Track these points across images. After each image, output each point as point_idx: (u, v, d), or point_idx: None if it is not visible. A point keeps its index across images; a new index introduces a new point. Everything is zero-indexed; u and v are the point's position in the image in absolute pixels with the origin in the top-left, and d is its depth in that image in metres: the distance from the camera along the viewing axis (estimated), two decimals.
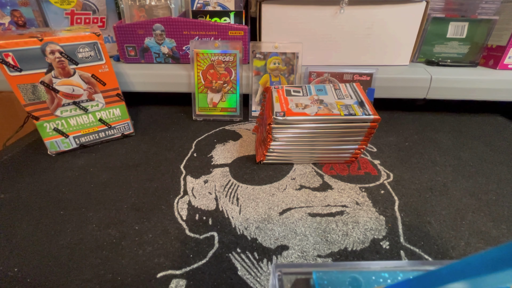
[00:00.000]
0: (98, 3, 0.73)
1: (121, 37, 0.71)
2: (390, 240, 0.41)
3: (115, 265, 0.38)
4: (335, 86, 0.57)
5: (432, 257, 0.39)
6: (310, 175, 0.54)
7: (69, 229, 0.43)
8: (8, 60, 0.49)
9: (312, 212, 0.46)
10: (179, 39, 0.72)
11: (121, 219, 0.45)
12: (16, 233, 0.43)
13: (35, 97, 0.53)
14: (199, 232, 0.43)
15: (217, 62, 0.67)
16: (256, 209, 0.46)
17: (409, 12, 0.68)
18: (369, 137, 0.51)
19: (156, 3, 0.72)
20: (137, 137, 0.67)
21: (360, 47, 0.73)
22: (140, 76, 0.72)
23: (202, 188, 0.51)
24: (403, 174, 0.54)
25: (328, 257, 0.39)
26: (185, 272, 0.37)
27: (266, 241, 0.41)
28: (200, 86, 0.70)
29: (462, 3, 0.73)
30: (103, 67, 0.57)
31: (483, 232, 0.43)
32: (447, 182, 0.52)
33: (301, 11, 0.68)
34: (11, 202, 0.48)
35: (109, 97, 0.60)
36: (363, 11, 0.68)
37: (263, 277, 0.36)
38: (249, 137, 0.66)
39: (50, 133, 0.57)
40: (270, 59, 0.68)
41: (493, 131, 0.69)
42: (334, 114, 0.49)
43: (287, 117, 0.49)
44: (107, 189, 0.51)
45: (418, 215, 0.45)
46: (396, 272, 0.21)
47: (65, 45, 0.52)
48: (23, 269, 0.37)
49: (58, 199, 0.49)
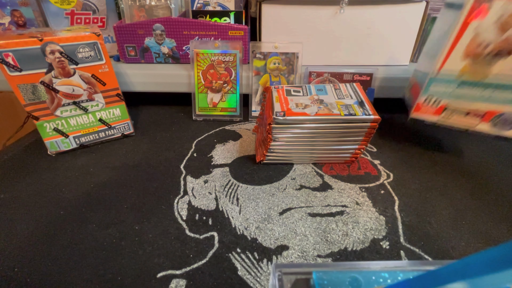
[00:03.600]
0: (98, 3, 0.73)
1: (121, 37, 0.71)
2: (390, 240, 0.41)
3: (115, 265, 0.38)
4: (335, 86, 0.57)
5: (432, 257, 0.39)
6: (310, 175, 0.54)
7: (69, 229, 0.43)
8: (8, 60, 0.49)
9: (312, 212, 0.46)
10: (179, 39, 0.72)
11: (121, 219, 0.45)
12: (16, 233, 0.43)
13: (35, 97, 0.53)
14: (199, 232, 0.43)
15: (217, 62, 0.67)
16: (256, 209, 0.46)
17: (409, 12, 0.68)
18: (369, 137, 0.51)
19: (156, 3, 0.72)
20: (137, 137, 0.67)
21: (360, 47, 0.73)
22: (140, 76, 0.72)
23: (202, 188, 0.51)
24: (403, 174, 0.54)
25: (328, 257, 0.39)
26: (185, 272, 0.37)
27: (266, 241, 0.41)
28: (200, 86, 0.70)
29: None
30: (103, 67, 0.57)
31: (483, 232, 0.43)
32: (447, 182, 0.52)
33: (301, 11, 0.68)
34: (11, 202, 0.48)
35: (109, 97, 0.60)
36: (363, 11, 0.68)
37: (263, 277, 0.36)
38: (249, 137, 0.66)
39: (50, 133, 0.57)
40: (270, 59, 0.68)
41: None
42: (334, 114, 0.49)
43: (287, 117, 0.49)
44: (107, 189, 0.51)
45: (418, 215, 0.45)
46: (396, 272, 0.21)
47: (65, 45, 0.52)
48: (23, 269, 0.37)
49: (58, 199, 0.49)
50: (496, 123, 0.47)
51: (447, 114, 0.50)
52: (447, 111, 0.49)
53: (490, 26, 0.41)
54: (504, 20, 0.39)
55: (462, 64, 0.45)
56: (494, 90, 0.44)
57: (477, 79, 0.45)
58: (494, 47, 0.42)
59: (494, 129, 0.48)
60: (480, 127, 0.49)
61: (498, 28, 0.40)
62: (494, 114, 0.47)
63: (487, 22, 0.41)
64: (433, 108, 0.50)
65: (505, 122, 0.46)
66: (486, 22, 0.41)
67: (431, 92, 0.49)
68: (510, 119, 0.46)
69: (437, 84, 0.48)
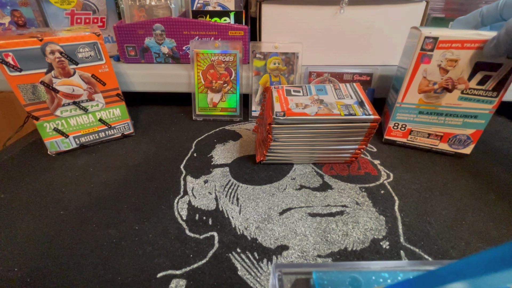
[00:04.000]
0: (98, 3, 0.73)
1: (121, 37, 0.71)
2: (390, 240, 0.41)
3: (115, 265, 0.38)
4: (335, 86, 0.57)
5: (432, 257, 0.39)
6: (310, 175, 0.54)
7: (69, 229, 0.43)
8: (8, 60, 0.49)
9: (312, 212, 0.46)
10: (179, 39, 0.72)
11: (121, 219, 0.45)
12: (16, 233, 0.43)
13: (35, 97, 0.53)
14: (199, 232, 0.43)
15: (217, 62, 0.67)
16: (256, 209, 0.46)
17: (409, 12, 0.68)
18: (369, 137, 0.51)
19: (156, 3, 0.72)
20: (137, 137, 0.67)
21: (360, 47, 0.73)
22: (140, 76, 0.72)
23: (202, 188, 0.51)
24: (403, 174, 0.54)
25: (328, 257, 0.39)
26: (185, 272, 0.37)
27: (266, 241, 0.41)
28: (200, 86, 0.70)
29: (462, 3, 0.73)
30: (103, 67, 0.57)
31: (483, 232, 0.43)
32: (447, 182, 0.52)
33: (301, 11, 0.68)
34: (11, 202, 0.48)
35: (109, 97, 0.60)
36: (363, 11, 0.68)
37: (263, 277, 0.36)
38: (249, 137, 0.66)
39: (50, 133, 0.57)
40: (270, 59, 0.68)
41: (492, 131, 0.69)
42: (334, 114, 0.49)
43: (287, 117, 0.49)
44: (107, 189, 0.51)
45: (418, 215, 0.45)
46: (396, 272, 0.21)
47: (65, 45, 0.52)
48: (23, 269, 0.37)
49: (58, 199, 0.49)
50: (452, 143, 0.58)
51: (413, 136, 0.60)
52: (413, 133, 0.60)
53: (434, 69, 0.52)
54: (444, 64, 0.51)
55: (418, 97, 0.56)
56: (446, 117, 0.56)
57: (431, 108, 0.56)
58: (439, 85, 0.53)
59: (451, 148, 0.58)
60: (440, 146, 0.59)
61: (440, 70, 0.52)
62: (449, 135, 0.57)
63: (432, 66, 0.52)
64: (401, 131, 0.60)
65: (459, 142, 0.57)
66: (431, 67, 0.52)
67: (398, 119, 0.59)
68: (463, 139, 0.56)
69: (401, 112, 0.58)
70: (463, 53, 0.49)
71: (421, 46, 0.51)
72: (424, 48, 0.51)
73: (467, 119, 0.54)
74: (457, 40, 0.49)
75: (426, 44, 0.51)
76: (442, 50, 0.50)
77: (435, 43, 0.50)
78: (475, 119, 0.54)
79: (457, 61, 0.50)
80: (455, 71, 0.51)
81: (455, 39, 0.49)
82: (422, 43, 0.51)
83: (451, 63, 0.51)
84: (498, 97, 0.51)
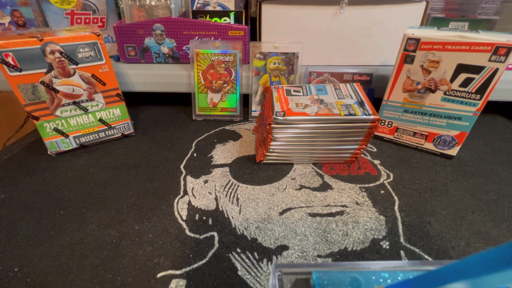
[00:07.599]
0: (98, 3, 0.73)
1: (121, 37, 0.71)
2: (390, 240, 0.41)
3: (115, 265, 0.38)
4: (335, 86, 0.57)
5: (432, 257, 0.39)
6: (310, 175, 0.54)
7: (69, 229, 0.43)
8: (8, 60, 0.49)
9: (312, 212, 0.46)
10: (179, 39, 0.72)
11: (121, 219, 0.45)
12: (16, 233, 0.43)
13: (35, 97, 0.53)
14: (199, 232, 0.43)
15: (217, 62, 0.67)
16: (256, 209, 0.46)
17: (409, 12, 0.68)
18: (369, 137, 0.51)
19: (156, 3, 0.72)
20: (137, 137, 0.67)
21: (360, 47, 0.73)
22: (140, 76, 0.72)
23: (202, 188, 0.51)
24: (403, 174, 0.54)
25: (328, 257, 0.39)
26: (185, 272, 0.37)
27: (266, 241, 0.41)
28: (200, 86, 0.69)
29: (462, 3, 0.73)
30: (103, 67, 0.57)
31: (483, 232, 0.43)
32: (447, 182, 0.52)
33: (301, 11, 0.68)
34: (11, 202, 0.48)
35: (109, 97, 0.60)
36: (363, 11, 0.68)
37: (263, 277, 0.36)
38: (249, 137, 0.66)
39: (50, 133, 0.57)
40: (270, 59, 0.68)
41: (492, 131, 0.69)
42: (334, 114, 0.49)
43: (287, 117, 0.49)
44: (107, 189, 0.51)
45: (418, 215, 0.45)
46: (396, 272, 0.21)
47: (65, 45, 0.52)
48: (23, 269, 0.38)
49: (58, 199, 0.49)
50: (437, 143, 0.58)
51: (400, 133, 0.61)
52: (399, 131, 0.61)
53: (417, 70, 0.53)
54: (426, 65, 0.52)
55: (403, 96, 0.56)
56: (430, 117, 0.56)
57: (416, 108, 0.56)
58: (423, 85, 0.54)
59: (437, 148, 0.59)
60: (426, 145, 0.60)
61: (423, 71, 0.52)
62: (434, 135, 0.58)
63: (415, 66, 0.53)
64: (388, 128, 0.62)
65: (444, 143, 0.57)
66: (414, 67, 0.53)
67: (384, 116, 0.60)
68: (448, 140, 0.56)
69: (388, 109, 0.59)
70: (444, 54, 0.50)
71: (404, 46, 0.52)
72: (407, 48, 0.52)
73: (451, 120, 0.55)
74: (438, 42, 0.49)
75: (409, 45, 0.52)
76: (424, 51, 0.51)
77: (417, 44, 0.51)
78: (459, 121, 0.54)
79: (438, 63, 0.51)
80: (437, 72, 0.52)
81: (436, 41, 0.49)
82: (405, 44, 0.52)
83: (433, 64, 0.51)
84: (481, 100, 0.51)
